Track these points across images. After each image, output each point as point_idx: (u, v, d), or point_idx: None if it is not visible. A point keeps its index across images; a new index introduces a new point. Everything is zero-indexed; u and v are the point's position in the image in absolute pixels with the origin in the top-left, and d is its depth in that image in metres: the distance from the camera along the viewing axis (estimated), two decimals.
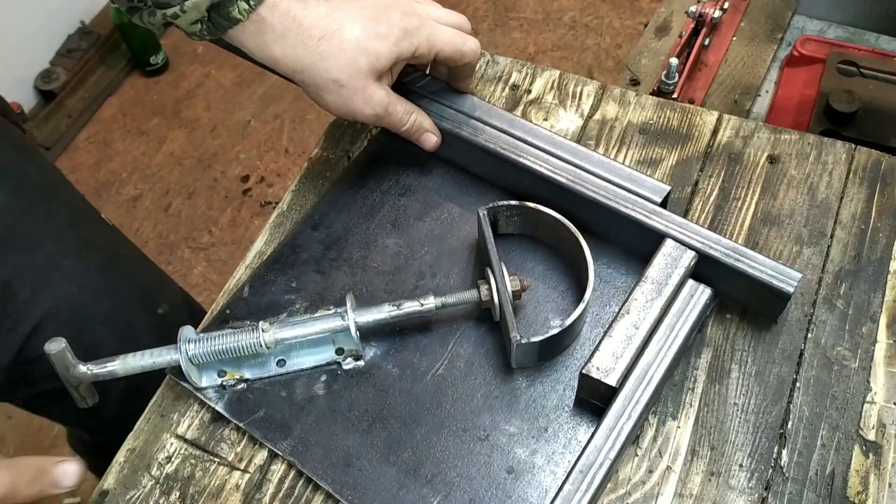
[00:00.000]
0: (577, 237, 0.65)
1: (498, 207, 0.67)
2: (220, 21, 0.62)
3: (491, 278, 0.63)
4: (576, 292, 0.67)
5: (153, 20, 0.63)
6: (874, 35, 1.19)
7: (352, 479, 0.60)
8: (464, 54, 0.69)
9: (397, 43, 0.65)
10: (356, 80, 0.65)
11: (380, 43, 0.65)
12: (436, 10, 0.71)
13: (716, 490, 0.59)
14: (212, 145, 2.07)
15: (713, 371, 0.64)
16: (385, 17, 0.65)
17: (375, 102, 0.67)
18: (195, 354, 0.62)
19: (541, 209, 0.67)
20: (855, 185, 0.72)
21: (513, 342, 0.60)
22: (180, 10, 0.61)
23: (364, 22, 0.65)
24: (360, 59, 0.64)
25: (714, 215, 0.71)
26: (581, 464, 0.57)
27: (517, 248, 0.70)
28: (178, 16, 0.61)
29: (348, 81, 0.65)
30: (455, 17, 0.72)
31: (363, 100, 0.66)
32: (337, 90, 0.65)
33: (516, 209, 0.68)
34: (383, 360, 0.65)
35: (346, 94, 0.66)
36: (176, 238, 1.91)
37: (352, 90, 0.65)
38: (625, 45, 2.15)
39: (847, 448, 0.60)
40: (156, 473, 0.62)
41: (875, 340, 0.64)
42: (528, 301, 0.67)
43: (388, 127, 0.70)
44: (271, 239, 0.74)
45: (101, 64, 2.17)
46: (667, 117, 0.78)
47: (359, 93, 0.66)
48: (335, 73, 0.64)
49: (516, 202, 0.67)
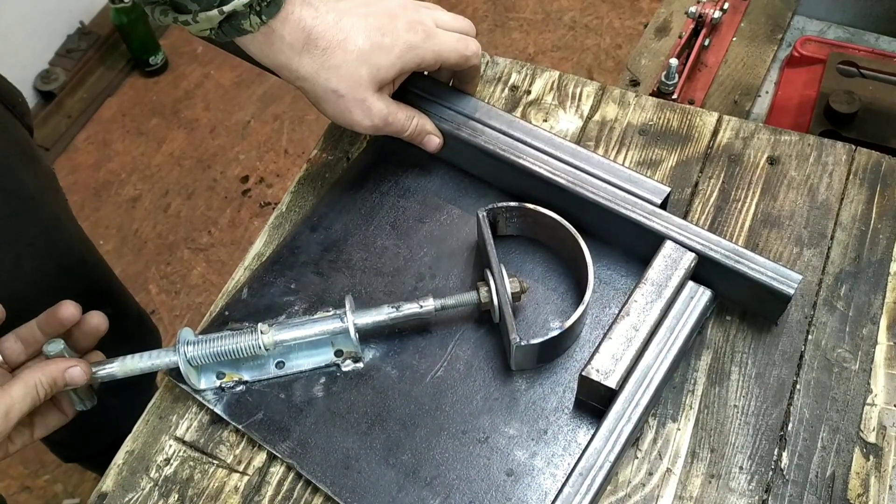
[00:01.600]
0: (576, 238, 0.65)
1: (497, 209, 0.67)
2: (230, 31, 0.62)
3: (490, 280, 0.63)
4: (575, 294, 0.67)
5: (164, 19, 0.63)
6: (874, 36, 1.18)
7: (351, 481, 0.60)
8: (468, 59, 0.70)
9: (401, 56, 0.66)
10: (356, 92, 0.65)
11: (383, 55, 0.65)
12: (442, 16, 0.70)
13: (716, 492, 0.59)
14: (211, 146, 2.06)
15: (713, 373, 0.63)
16: (390, 29, 0.65)
17: (374, 114, 0.67)
18: (194, 356, 0.62)
19: (540, 210, 0.67)
20: (855, 186, 0.72)
21: (512, 344, 0.60)
22: (192, 20, 0.61)
23: (369, 32, 0.65)
24: (361, 70, 0.64)
25: (714, 217, 0.71)
26: (581, 466, 0.57)
27: (516, 250, 0.70)
28: (189, 24, 0.61)
29: (347, 92, 0.65)
30: (461, 23, 0.71)
31: (362, 111, 0.66)
32: (336, 100, 0.65)
33: (516, 210, 0.68)
34: (382, 362, 0.65)
35: (344, 105, 0.66)
36: (175, 238, 1.91)
37: (350, 101, 0.65)
38: (625, 45, 2.15)
39: (847, 450, 0.60)
40: (154, 476, 0.62)
41: (875, 342, 0.64)
42: (528, 303, 0.67)
43: (389, 134, 0.70)
44: (270, 240, 0.73)
45: (100, 64, 2.17)
46: (666, 118, 0.78)
47: (358, 104, 0.66)
48: (335, 83, 0.64)
49: (515, 203, 0.67)
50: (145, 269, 1.86)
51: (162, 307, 1.80)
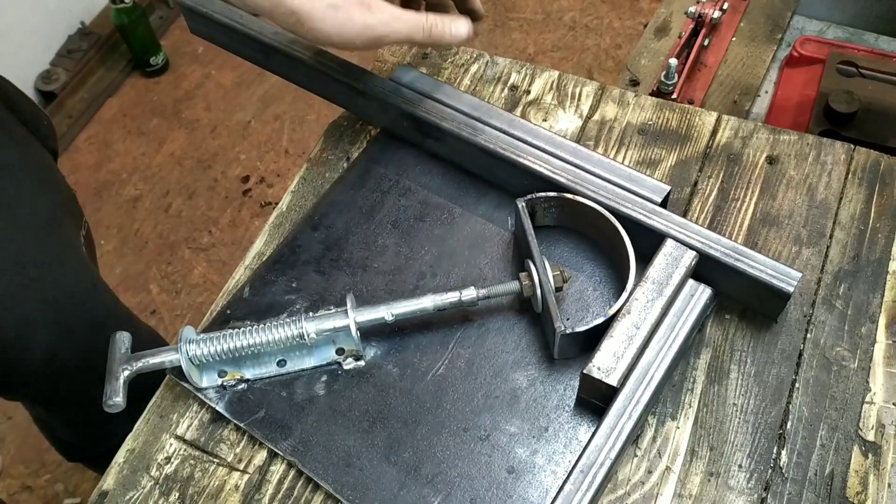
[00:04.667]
0: (616, 227, 0.65)
1: (536, 199, 0.68)
2: None
3: (533, 270, 0.63)
4: (614, 282, 0.67)
5: None
6: (874, 35, 1.19)
7: (352, 478, 0.60)
8: None
9: None
10: None
11: None
12: None
13: (715, 490, 0.59)
14: (212, 146, 2.07)
15: (712, 371, 0.64)
16: None
17: (378, 12, 0.61)
18: (196, 355, 0.62)
19: (580, 200, 0.67)
20: (854, 185, 0.72)
21: (557, 332, 0.60)
22: None
23: None
24: None
25: (713, 216, 0.71)
26: (582, 463, 0.57)
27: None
28: None
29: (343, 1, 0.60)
30: None
31: (363, 13, 0.61)
32: (334, 15, 0.60)
33: (554, 200, 0.68)
34: (384, 360, 0.65)
35: (344, 14, 0.60)
36: (176, 238, 1.91)
37: (350, 8, 0.60)
38: (624, 45, 2.15)
39: (846, 448, 0.60)
40: (155, 474, 0.62)
41: (874, 341, 0.64)
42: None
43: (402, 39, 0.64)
44: (271, 240, 0.74)
45: (101, 65, 2.17)
46: (666, 118, 0.78)
47: (357, 8, 0.60)
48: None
49: (555, 193, 0.67)
50: (146, 268, 1.86)
51: (163, 307, 1.80)
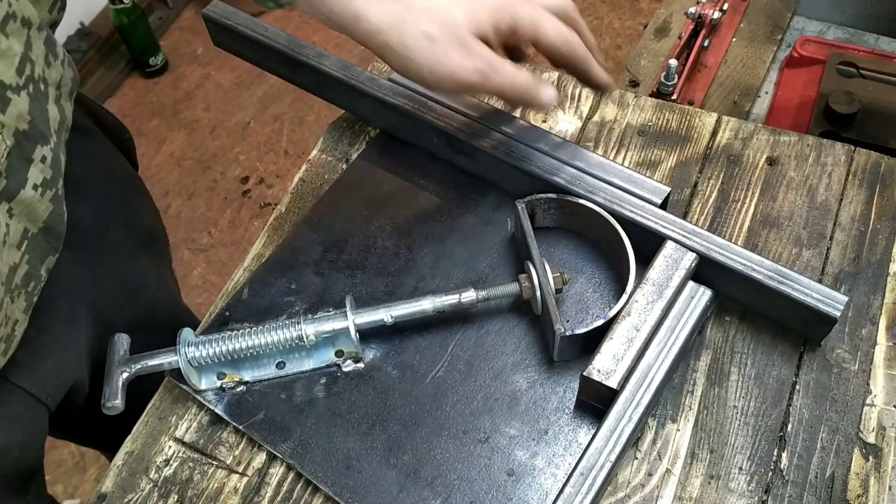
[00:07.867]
0: (616, 230, 0.65)
1: (536, 200, 0.67)
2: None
3: (532, 271, 0.63)
4: (614, 285, 0.67)
5: None
6: (874, 36, 1.19)
7: (352, 481, 0.60)
8: (569, 43, 0.61)
9: (495, 9, 0.58)
10: (454, 31, 0.56)
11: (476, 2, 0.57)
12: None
13: (715, 493, 0.59)
14: (211, 146, 2.07)
15: (712, 373, 0.63)
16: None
17: (478, 56, 0.57)
18: (194, 357, 0.62)
19: (580, 202, 0.67)
20: (854, 186, 0.72)
21: (557, 334, 0.60)
22: None
23: None
24: (456, 11, 0.56)
25: (713, 217, 0.71)
26: (582, 466, 0.57)
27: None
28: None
29: (443, 34, 0.56)
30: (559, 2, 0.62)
31: (462, 54, 0.56)
32: (430, 46, 0.56)
33: (555, 202, 0.68)
34: (383, 362, 0.65)
35: (440, 49, 0.56)
36: (175, 239, 1.91)
37: (447, 44, 0.56)
38: (624, 46, 2.15)
39: (847, 451, 0.60)
40: (154, 477, 0.62)
41: (875, 343, 0.64)
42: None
43: (492, 91, 0.60)
44: (270, 241, 0.74)
45: (100, 65, 2.17)
46: (666, 119, 0.78)
47: (457, 46, 0.56)
48: (426, 25, 0.56)
49: (555, 195, 0.67)
50: None
51: None
